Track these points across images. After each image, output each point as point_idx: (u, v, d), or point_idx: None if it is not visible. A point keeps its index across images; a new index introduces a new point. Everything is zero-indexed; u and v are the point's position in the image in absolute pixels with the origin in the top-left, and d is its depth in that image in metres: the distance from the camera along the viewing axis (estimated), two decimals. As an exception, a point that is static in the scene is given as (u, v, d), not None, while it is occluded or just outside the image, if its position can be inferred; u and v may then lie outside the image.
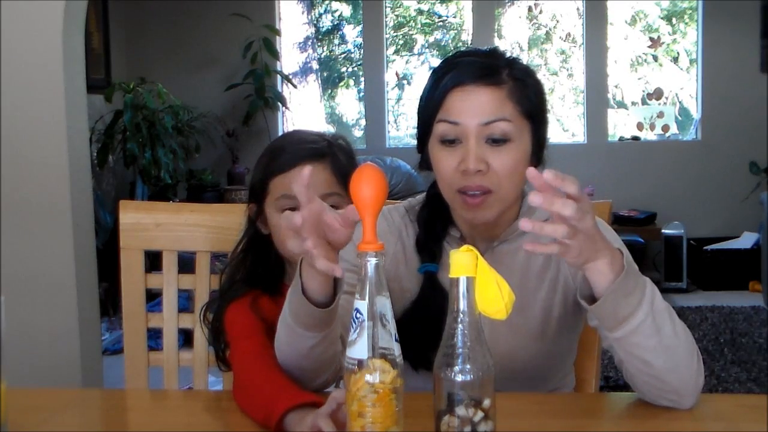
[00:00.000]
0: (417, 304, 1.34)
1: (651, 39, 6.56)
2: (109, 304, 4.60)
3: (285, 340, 1.20)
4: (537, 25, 6.74)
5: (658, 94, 6.20)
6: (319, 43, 6.91)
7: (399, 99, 6.73)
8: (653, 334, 1.10)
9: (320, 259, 1.03)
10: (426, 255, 1.36)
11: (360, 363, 0.91)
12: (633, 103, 6.53)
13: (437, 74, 1.31)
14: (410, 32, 6.93)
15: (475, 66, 1.29)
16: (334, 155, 1.46)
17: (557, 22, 6.65)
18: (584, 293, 1.12)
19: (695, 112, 6.08)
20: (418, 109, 1.34)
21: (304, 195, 1.03)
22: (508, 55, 1.33)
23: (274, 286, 1.47)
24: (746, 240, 5.51)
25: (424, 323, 1.18)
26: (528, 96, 1.29)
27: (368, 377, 0.90)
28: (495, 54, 1.33)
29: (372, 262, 0.92)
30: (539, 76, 1.37)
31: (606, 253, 1.07)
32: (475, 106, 1.26)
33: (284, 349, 1.21)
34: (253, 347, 1.32)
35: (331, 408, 1.04)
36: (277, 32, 5.88)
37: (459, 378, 0.91)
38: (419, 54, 6.89)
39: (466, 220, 1.34)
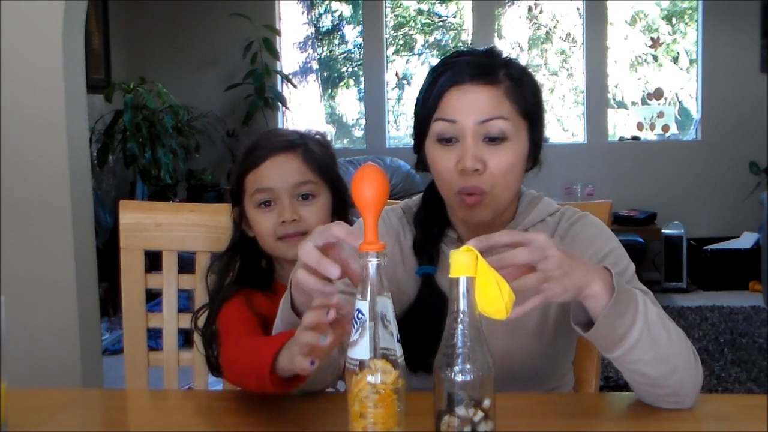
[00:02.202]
0: (415, 307, 1.34)
1: (651, 39, 6.56)
2: (109, 304, 4.60)
3: None
4: (537, 25, 6.74)
5: (658, 94, 6.20)
6: (319, 43, 6.90)
7: (399, 99, 6.72)
8: (650, 347, 1.10)
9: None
10: (424, 257, 1.36)
11: (361, 363, 0.91)
12: (633, 103, 6.52)
13: (434, 74, 1.31)
14: (410, 32, 6.93)
15: (472, 65, 1.28)
16: (306, 145, 1.47)
17: (557, 22, 6.65)
18: (578, 319, 1.12)
19: (695, 112, 6.08)
20: (415, 108, 1.34)
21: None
22: (504, 55, 1.33)
23: (267, 283, 1.48)
24: (746, 240, 5.52)
25: (423, 326, 1.18)
26: (525, 95, 1.29)
27: (370, 378, 0.90)
28: (492, 54, 1.32)
29: (373, 262, 0.92)
30: (539, 76, 1.37)
31: (595, 274, 1.07)
32: (472, 105, 1.26)
33: None
34: (241, 333, 1.33)
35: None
36: (277, 32, 5.88)
37: (459, 378, 0.91)
38: (419, 54, 6.89)
39: (463, 221, 1.34)
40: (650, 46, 6.56)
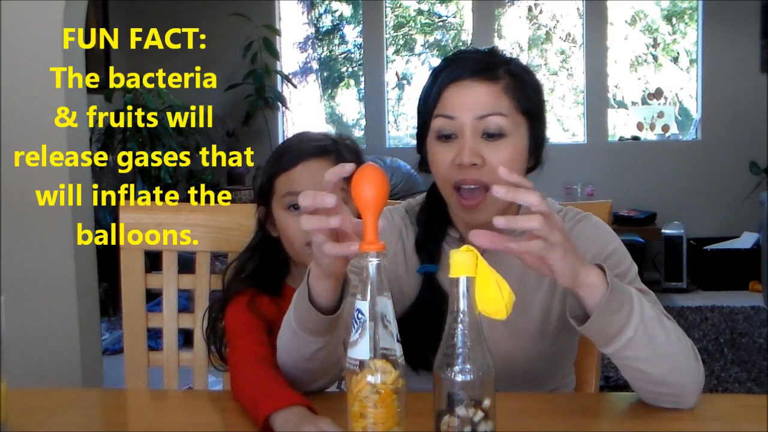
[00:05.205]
0: (416, 306, 1.34)
1: (653, 39, 6.56)
2: (109, 304, 4.60)
3: (288, 343, 1.19)
4: (537, 25, 6.75)
5: (658, 94, 6.20)
6: (319, 43, 6.91)
7: (399, 99, 6.73)
8: (646, 345, 1.10)
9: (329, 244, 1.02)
10: (425, 256, 1.36)
11: (361, 363, 0.91)
12: (633, 103, 6.53)
13: (436, 72, 1.32)
14: (410, 32, 6.93)
15: (473, 62, 1.30)
16: (339, 152, 1.46)
17: (557, 22, 6.66)
18: (574, 313, 1.12)
19: (695, 112, 6.08)
20: (418, 107, 1.35)
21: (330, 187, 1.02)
22: (507, 55, 1.34)
23: (276, 286, 1.47)
24: (746, 240, 5.52)
25: (424, 324, 1.18)
26: (525, 92, 1.30)
27: (370, 378, 0.90)
28: (493, 52, 1.34)
29: (374, 262, 0.92)
30: (539, 76, 1.37)
31: (590, 265, 1.08)
32: (470, 101, 1.27)
33: (287, 352, 1.21)
34: (248, 346, 1.33)
35: None
36: (277, 32, 5.88)
37: (459, 378, 0.91)
38: (419, 54, 6.89)
39: (463, 221, 1.34)
40: (651, 46, 6.57)
